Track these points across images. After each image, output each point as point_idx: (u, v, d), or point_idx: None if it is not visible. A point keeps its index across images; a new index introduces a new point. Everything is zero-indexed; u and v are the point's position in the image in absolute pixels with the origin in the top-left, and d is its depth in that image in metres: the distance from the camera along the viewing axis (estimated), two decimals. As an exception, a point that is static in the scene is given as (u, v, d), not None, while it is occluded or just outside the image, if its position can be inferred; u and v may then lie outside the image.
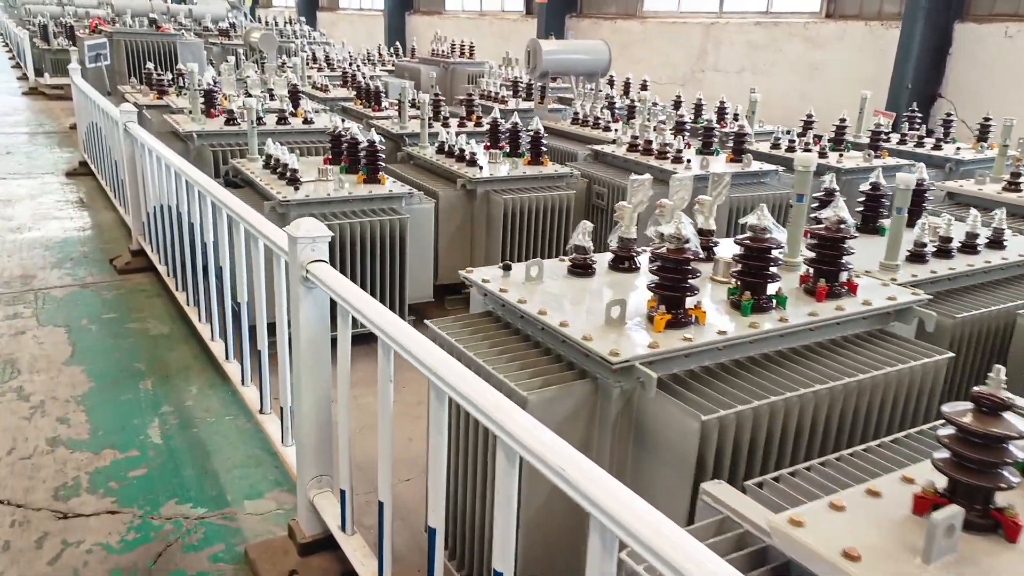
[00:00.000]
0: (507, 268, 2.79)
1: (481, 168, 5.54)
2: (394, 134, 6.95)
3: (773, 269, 2.49)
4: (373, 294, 3.55)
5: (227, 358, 4.12)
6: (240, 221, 3.46)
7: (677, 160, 5.75)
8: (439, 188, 5.48)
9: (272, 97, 7.42)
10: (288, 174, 4.89)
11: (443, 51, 13.23)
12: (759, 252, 2.45)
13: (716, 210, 3.02)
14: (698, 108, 8.65)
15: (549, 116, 8.38)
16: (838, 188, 3.35)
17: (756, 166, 5.79)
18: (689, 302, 2.38)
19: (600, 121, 7.64)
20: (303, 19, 21.86)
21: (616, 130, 7.37)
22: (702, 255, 2.31)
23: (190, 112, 6.51)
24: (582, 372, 2.29)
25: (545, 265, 2.78)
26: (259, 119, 6.23)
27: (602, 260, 2.92)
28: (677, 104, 8.62)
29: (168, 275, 5.51)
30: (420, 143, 6.31)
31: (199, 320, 4.74)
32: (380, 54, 14.28)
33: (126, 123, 5.94)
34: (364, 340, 2.79)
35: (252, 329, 3.79)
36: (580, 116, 7.87)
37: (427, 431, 2.13)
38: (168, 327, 5.23)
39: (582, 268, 2.83)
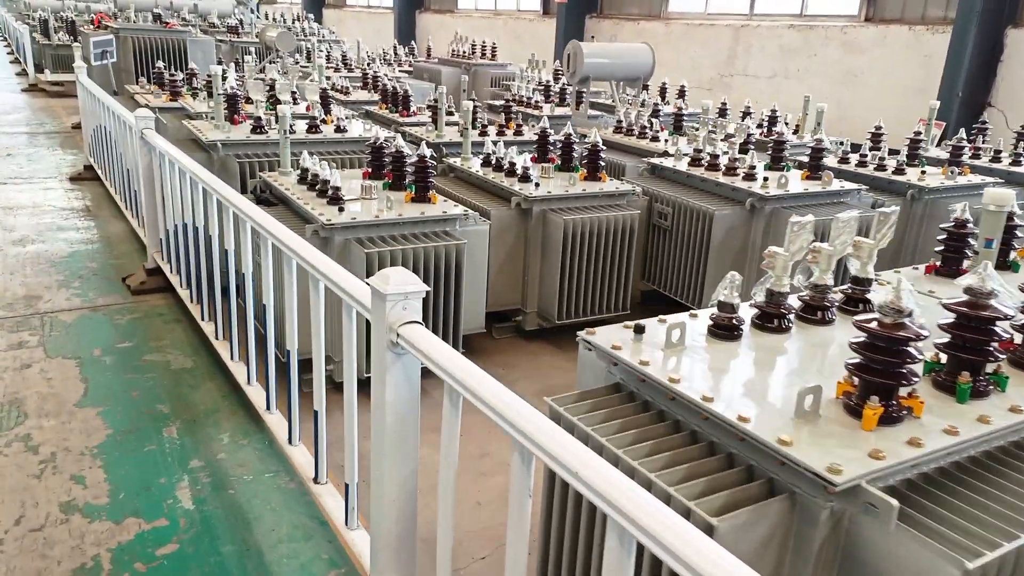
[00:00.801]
0: (639, 331, 2.27)
1: (537, 185, 5.02)
2: (430, 143, 6.43)
3: (995, 343, 1.97)
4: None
5: (268, 408, 3.59)
6: (293, 256, 2.94)
7: (750, 177, 5.24)
8: (489, 206, 4.96)
9: (296, 101, 6.89)
10: (329, 192, 4.37)
11: (464, 52, 12.71)
12: (981, 322, 1.93)
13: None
14: (742, 115, 8.14)
15: (586, 124, 7.86)
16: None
17: (836, 184, 5.28)
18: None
19: (647, 131, 7.12)
20: (311, 16, 21.31)
21: (666, 140, 6.85)
22: (926, 334, 1.78)
23: (211, 117, 5.97)
24: (771, 484, 1.78)
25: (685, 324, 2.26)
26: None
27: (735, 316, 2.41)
28: (723, 111, 8.11)
29: (191, 300, 4.97)
30: (463, 154, 5.79)
31: (231, 358, 4.22)
32: (396, 54, 13.74)
33: (143, 130, 5.40)
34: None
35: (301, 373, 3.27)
36: (624, 125, 7.35)
37: None
38: (191, 359, 4.70)
39: (727, 329, 2.31)
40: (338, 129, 5.91)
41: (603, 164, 5.34)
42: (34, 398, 4.14)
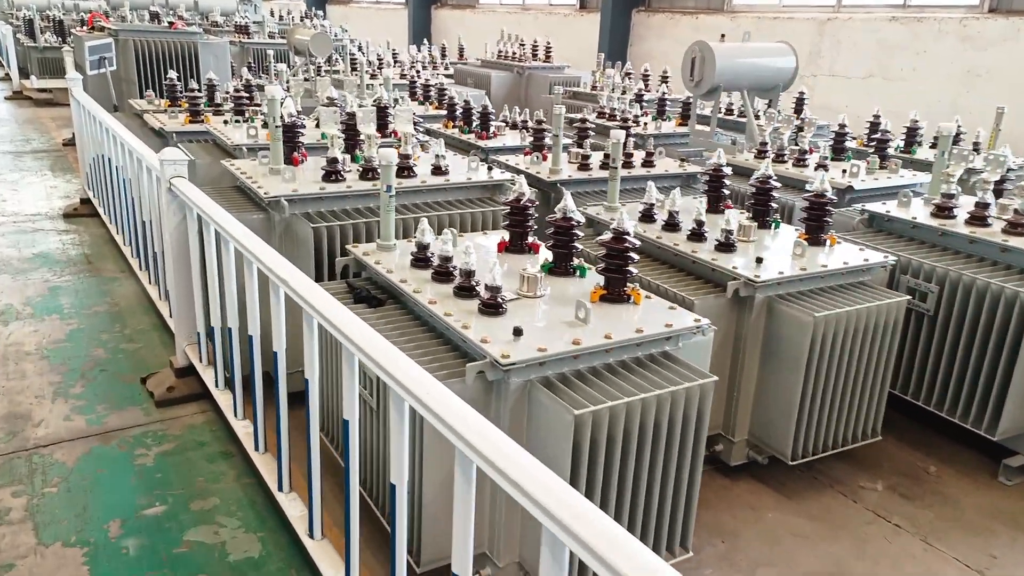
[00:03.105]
0: None
1: (759, 260, 3.41)
2: (547, 182, 4.84)
3: None
4: None
5: None
6: (451, 436, 1.36)
7: (1045, 239, 3.66)
8: (683, 290, 3.37)
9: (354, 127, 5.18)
10: (480, 291, 2.76)
11: (513, 52, 11.07)
12: None
13: None
14: (873, 126, 6.54)
15: (711, 147, 6.25)
16: None
17: None
18: None
19: (806, 158, 5.52)
20: (320, 13, 19.62)
21: (846, 172, 5.24)
22: None
23: (260, 156, 4.33)
24: None
25: None
26: (370, 169, 4.09)
27: None
28: (874, 126, 6.51)
29: (257, 448, 3.35)
30: (609, 201, 4.19)
31: (311, 534, 2.62)
32: (431, 56, 12.08)
33: (172, 179, 3.79)
34: None
35: None
36: (771, 149, 5.75)
37: None
38: (256, 538, 3.09)
39: None
40: (437, 170, 4.27)
41: (830, 222, 3.75)
42: (19, 648, 2.55)
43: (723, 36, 6.63)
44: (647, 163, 5.31)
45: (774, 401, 3.39)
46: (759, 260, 3.40)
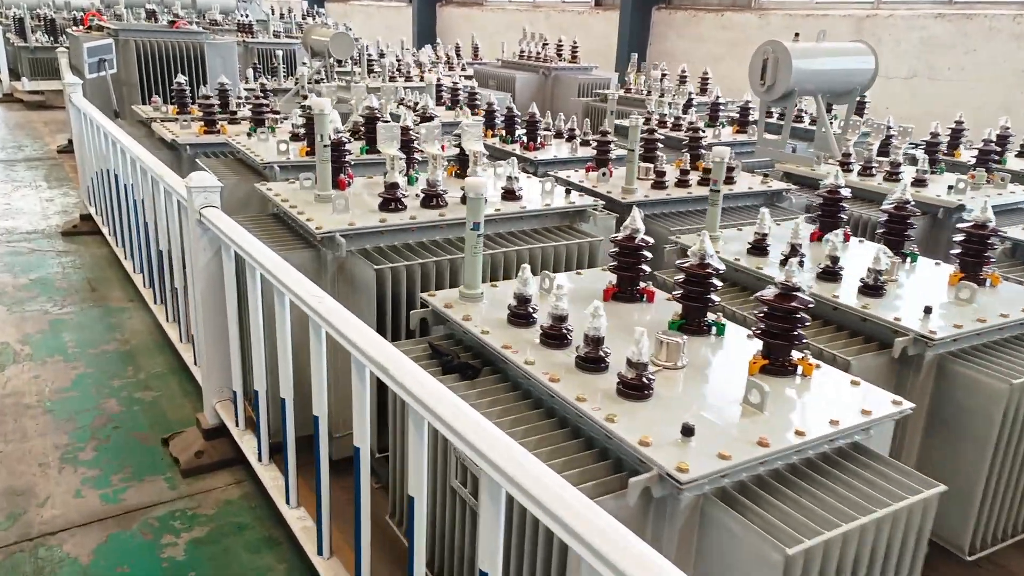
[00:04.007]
0: None
1: (927, 310, 2.80)
2: (622, 203, 4.23)
3: None
4: None
5: None
6: None
7: None
8: (833, 348, 2.77)
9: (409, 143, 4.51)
10: (632, 373, 2.15)
11: (537, 52, 10.44)
12: None
13: None
14: (955, 133, 5.98)
15: (782, 158, 5.66)
16: None
17: None
18: None
19: (900, 172, 4.93)
20: (323, 11, 18.95)
21: (952, 188, 4.65)
22: None
23: (300, 179, 3.70)
24: None
25: None
26: (433, 196, 3.47)
27: None
28: (957, 133, 5.94)
29: (321, 551, 2.72)
30: (709, 228, 3.58)
31: None
32: (448, 56, 11.45)
33: (203, 209, 3.16)
34: None
35: None
36: (855, 161, 5.16)
37: None
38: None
39: None
40: (509, 194, 3.61)
41: (992, 258, 3.15)
42: None
43: (797, 35, 6.02)
44: (727, 179, 4.70)
45: (945, 482, 2.78)
46: (927, 310, 2.79)
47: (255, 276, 2.84)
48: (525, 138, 5.63)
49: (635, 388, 2.13)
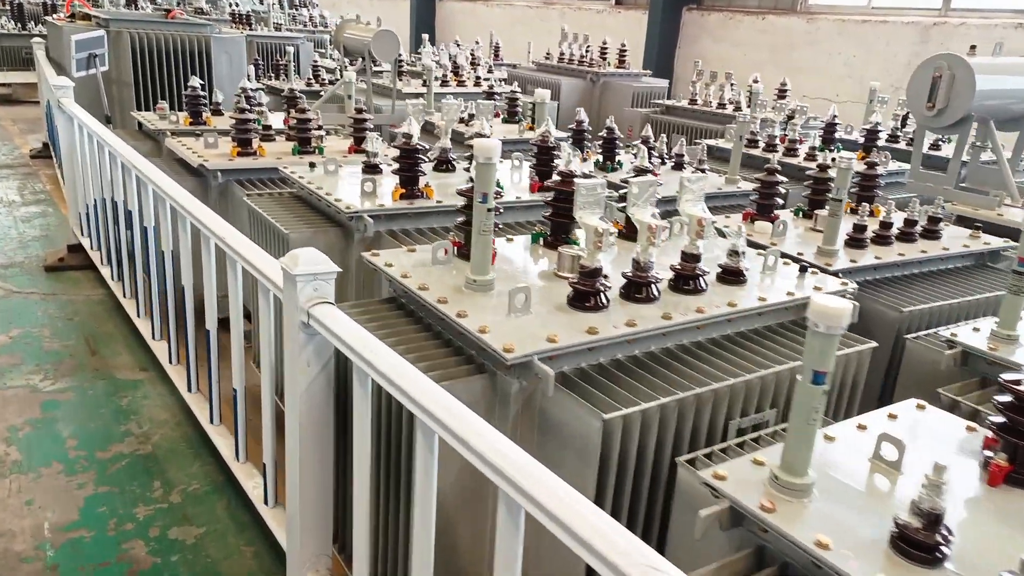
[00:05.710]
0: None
1: None
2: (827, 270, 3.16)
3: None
4: None
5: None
6: None
7: None
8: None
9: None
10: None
11: (581, 56, 9.35)
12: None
13: None
14: None
15: (952, 196, 4.65)
16: None
17: None
18: None
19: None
20: (316, 3, 17.64)
21: None
22: None
23: (435, 254, 2.55)
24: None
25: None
26: (638, 284, 2.37)
27: None
28: None
29: None
30: (1003, 327, 2.53)
31: None
32: (474, 56, 10.29)
33: (312, 309, 2.03)
34: None
35: None
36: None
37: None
38: None
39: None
40: (730, 274, 2.52)
41: None
42: None
43: (973, 47, 5.03)
44: (928, 233, 3.67)
45: None
46: None
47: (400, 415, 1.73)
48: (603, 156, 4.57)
49: None
